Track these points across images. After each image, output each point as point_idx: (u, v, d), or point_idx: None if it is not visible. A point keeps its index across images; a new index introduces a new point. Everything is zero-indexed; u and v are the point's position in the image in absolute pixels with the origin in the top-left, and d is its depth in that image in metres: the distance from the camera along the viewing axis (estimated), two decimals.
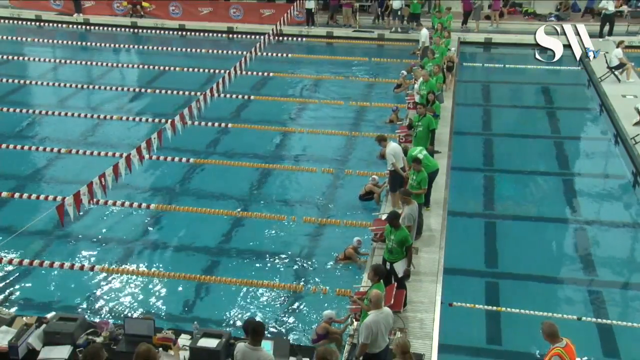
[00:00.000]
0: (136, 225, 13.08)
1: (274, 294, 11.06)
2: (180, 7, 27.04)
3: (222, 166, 15.41)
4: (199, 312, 10.54)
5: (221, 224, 13.11)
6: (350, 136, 17.16)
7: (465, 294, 10.94)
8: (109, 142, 16.61)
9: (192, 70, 21.57)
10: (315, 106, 19.27)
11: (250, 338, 7.14)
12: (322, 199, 14.14)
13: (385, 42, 25.16)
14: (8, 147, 15.89)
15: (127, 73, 22.44)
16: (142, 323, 8.16)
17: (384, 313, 8.06)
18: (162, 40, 25.53)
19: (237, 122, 17.84)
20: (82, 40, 25.35)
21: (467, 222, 13.62)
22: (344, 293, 10.77)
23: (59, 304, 10.62)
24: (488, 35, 25.16)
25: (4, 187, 13.99)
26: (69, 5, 27.13)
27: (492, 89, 21.71)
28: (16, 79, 20.77)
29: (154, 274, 11.42)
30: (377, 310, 7.99)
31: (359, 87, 20.81)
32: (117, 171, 11.69)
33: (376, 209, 13.20)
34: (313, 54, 24.24)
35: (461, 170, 15.28)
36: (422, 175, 11.46)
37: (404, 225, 10.00)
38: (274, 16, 25.35)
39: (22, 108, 18.42)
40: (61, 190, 13.73)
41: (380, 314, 7.99)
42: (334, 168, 15.30)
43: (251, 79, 20.66)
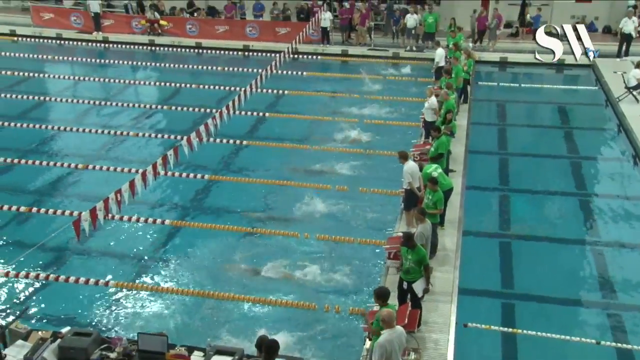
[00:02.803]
0: (151, 241, 13.14)
1: (287, 312, 11.03)
2: (197, 26, 27.36)
3: (236, 183, 15.48)
4: (212, 329, 10.51)
5: (235, 240, 13.13)
6: (365, 154, 17.16)
7: (480, 314, 10.82)
8: (125, 158, 16.76)
9: (207, 88, 21.76)
10: (329, 124, 19.31)
11: (263, 356, 7.11)
12: (335, 217, 14.12)
13: (400, 60, 25.25)
14: (27, 162, 16.10)
15: (144, 90, 22.68)
16: (156, 339, 8.17)
17: (397, 332, 8.01)
18: (179, 57, 25.80)
19: (252, 139, 17.94)
20: (101, 57, 25.69)
21: (482, 242, 13.52)
22: (358, 312, 10.71)
23: (73, 319, 10.67)
24: (504, 55, 25.15)
25: (22, 201, 14.16)
26: (89, 24, 27.55)
27: (507, 108, 21.66)
28: (36, 95, 21.07)
29: (168, 290, 11.45)
30: (390, 329, 7.94)
31: (374, 105, 20.84)
32: (133, 187, 11.79)
33: (390, 226, 13.15)
34: (328, 72, 24.37)
35: (476, 189, 15.21)
36: (438, 195, 11.41)
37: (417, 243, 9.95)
38: (289, 34, 25.56)
39: (42, 124, 18.66)
40: (77, 206, 13.85)
41: (394, 333, 7.94)
42: (347, 186, 15.29)
43: (266, 96, 20.80)
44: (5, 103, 20.26)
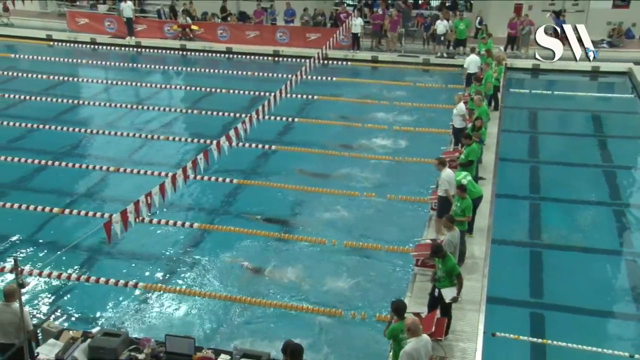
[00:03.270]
0: (180, 244, 13.25)
1: (313, 317, 11.02)
2: (228, 31, 27.62)
3: (265, 187, 15.54)
4: (238, 333, 10.56)
5: (262, 245, 13.17)
6: (393, 161, 17.10)
7: (509, 324, 10.68)
8: (155, 161, 16.96)
9: (238, 93, 21.94)
10: (358, 130, 19.30)
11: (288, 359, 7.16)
12: (363, 224, 14.08)
13: (430, 67, 25.13)
14: (61, 164, 16.41)
15: (175, 94, 22.94)
16: (183, 341, 8.25)
17: (424, 340, 7.98)
18: (210, 62, 26.05)
19: (280, 144, 18.00)
20: (133, 62, 26.11)
21: (512, 251, 13.37)
22: (384, 319, 10.65)
23: (103, 319, 10.81)
24: (536, 61, 24.81)
25: (55, 203, 14.42)
26: (122, 29, 28.02)
27: (539, 116, 21.39)
28: (70, 99, 21.46)
29: (195, 293, 11.53)
30: (416, 338, 7.90)
31: (403, 111, 20.77)
32: (163, 190, 11.92)
33: (418, 234, 13.06)
34: (358, 78, 24.36)
35: (506, 197, 15.04)
36: (466, 202, 11.32)
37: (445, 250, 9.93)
38: (319, 40, 25.63)
39: (75, 127, 19.00)
40: (109, 208, 14.07)
41: (420, 342, 7.91)
42: (375, 193, 15.25)
43: (296, 101, 20.89)
44: (40, 106, 20.69)
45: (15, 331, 8.18)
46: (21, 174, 16.07)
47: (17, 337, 8.20)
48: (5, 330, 8.23)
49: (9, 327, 8.19)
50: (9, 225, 13.60)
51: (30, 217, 13.92)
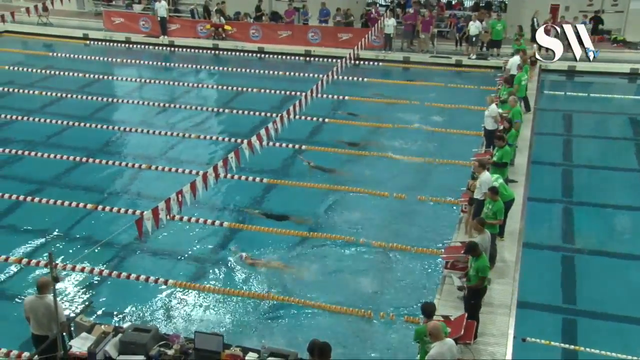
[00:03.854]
0: (209, 242, 13.35)
1: (341, 317, 11.00)
2: (260, 31, 27.77)
3: (295, 187, 15.58)
4: (266, 332, 10.60)
5: (292, 244, 13.21)
6: (424, 162, 16.99)
7: (539, 329, 10.52)
8: (187, 159, 17.12)
9: (269, 92, 22.03)
10: (388, 130, 19.23)
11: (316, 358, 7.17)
12: (393, 224, 14.02)
13: (462, 68, 24.90)
14: (95, 161, 16.68)
15: (207, 93, 23.13)
16: (212, 339, 8.30)
17: (448, 344, 7.95)
18: (242, 62, 26.21)
19: (311, 144, 18.01)
20: (167, 61, 26.41)
21: (544, 255, 13.17)
22: (412, 321, 10.59)
23: (133, 315, 10.95)
24: (572, 63, 24.39)
25: (89, 199, 14.67)
26: (156, 28, 28.37)
27: (574, 119, 21.02)
28: (105, 97, 21.82)
29: (224, 291, 11.61)
30: (440, 342, 7.88)
31: (434, 112, 20.63)
32: (194, 188, 12.04)
33: (448, 236, 12.95)
34: (389, 79, 24.27)
35: (538, 201, 14.83)
36: (498, 205, 11.19)
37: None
38: (351, 40, 25.61)
39: (109, 124, 19.31)
40: (140, 205, 14.25)
41: (445, 345, 7.89)
42: (406, 194, 15.17)
43: (327, 101, 20.90)
44: (76, 104, 21.07)
45: (48, 323, 8.36)
46: (57, 170, 16.37)
47: (50, 329, 8.38)
48: (40, 322, 8.41)
49: (43, 318, 8.36)
50: (44, 220, 13.88)
51: (65, 213, 14.18)
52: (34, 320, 8.43)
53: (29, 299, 8.55)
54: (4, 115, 19.57)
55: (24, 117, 19.50)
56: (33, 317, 8.42)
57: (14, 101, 21.01)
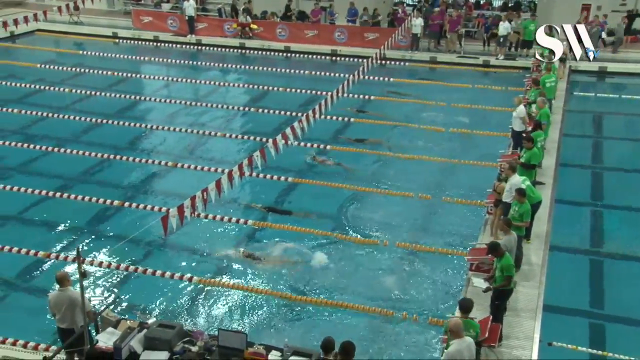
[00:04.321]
0: (233, 240, 13.41)
1: (363, 317, 10.98)
2: (287, 30, 27.83)
3: (319, 186, 15.57)
4: (289, 330, 10.62)
5: (314, 243, 13.21)
6: (449, 163, 16.86)
7: (566, 334, 10.35)
8: (212, 157, 17.23)
9: (295, 91, 22.07)
10: (414, 131, 19.13)
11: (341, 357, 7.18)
12: (417, 225, 13.94)
13: (489, 68, 24.65)
14: (122, 158, 16.88)
15: (233, 92, 23.25)
16: (235, 336, 8.33)
17: (467, 342, 7.93)
18: (268, 61, 26.30)
19: (336, 143, 17.99)
20: (194, 59, 26.60)
21: (571, 258, 12.98)
22: (437, 322, 10.52)
23: (158, 311, 11.06)
24: (603, 64, 24.01)
25: (116, 196, 14.84)
26: (184, 27, 28.62)
27: (604, 120, 20.68)
28: (133, 95, 22.05)
29: (248, 289, 11.66)
30: (459, 339, 7.87)
31: (461, 113, 20.47)
32: (219, 186, 12.11)
33: (473, 237, 12.83)
34: (415, 79, 24.14)
35: (566, 203, 14.61)
36: (525, 207, 11.06)
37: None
38: (377, 40, 25.52)
39: (136, 122, 19.52)
40: (166, 202, 14.39)
41: (463, 343, 7.87)
42: (430, 194, 15.08)
43: (352, 101, 20.86)
44: (104, 101, 21.34)
45: (72, 316, 8.50)
46: (85, 166, 16.59)
47: (74, 321, 8.51)
48: (64, 315, 8.55)
49: (67, 311, 8.51)
50: (72, 216, 14.08)
51: (92, 209, 14.37)
52: (59, 314, 8.56)
53: (52, 294, 8.69)
54: (35, 112, 19.91)
55: (54, 114, 19.81)
56: (57, 311, 8.55)
57: (45, 98, 21.36)
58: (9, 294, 11.82)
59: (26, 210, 14.40)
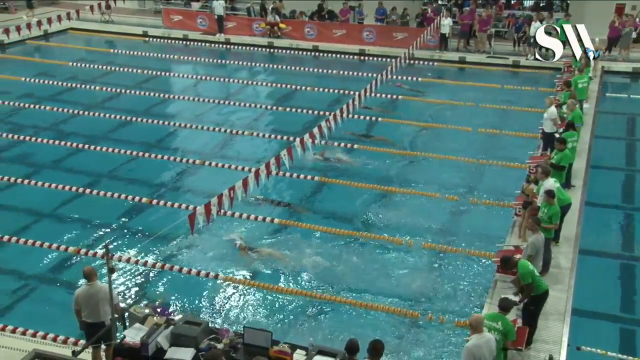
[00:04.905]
0: (259, 239, 13.43)
1: (388, 317, 10.94)
2: (315, 29, 27.86)
3: (345, 186, 15.55)
4: (314, 329, 10.62)
5: (340, 242, 13.19)
6: (477, 164, 16.70)
7: (595, 338, 10.19)
8: (239, 156, 17.30)
9: (323, 91, 22.06)
10: (442, 131, 19.00)
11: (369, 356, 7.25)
12: (443, 226, 13.85)
13: (519, 69, 24.34)
14: (150, 156, 17.06)
15: (261, 90, 23.35)
16: (261, 334, 8.36)
17: (486, 338, 7.94)
18: (296, 60, 26.36)
19: (363, 143, 17.93)
20: (222, 58, 26.78)
21: (601, 262, 12.76)
22: (463, 325, 10.43)
23: (184, 307, 11.14)
24: (637, 65, 23.52)
25: (143, 192, 15.01)
26: (213, 26, 28.83)
27: (638, 122, 20.26)
28: (161, 93, 22.28)
29: (274, 288, 11.69)
30: (478, 335, 7.89)
31: (489, 114, 20.27)
32: (246, 185, 12.17)
33: (501, 239, 12.69)
34: (444, 79, 23.96)
35: (596, 206, 14.38)
36: (554, 209, 10.91)
37: (527, 254, 9.95)
38: (406, 40, 25.41)
39: (165, 120, 19.72)
40: (193, 200, 14.49)
41: (482, 338, 7.89)
42: (457, 195, 14.95)
43: (380, 101, 20.80)
44: (134, 99, 21.61)
45: (101, 309, 8.63)
46: (114, 164, 16.80)
47: (102, 315, 8.65)
48: (93, 309, 8.68)
49: (95, 305, 8.65)
50: (101, 212, 14.26)
51: (121, 205, 14.55)
52: (87, 308, 8.68)
53: (80, 289, 8.80)
54: (67, 110, 20.24)
55: (85, 112, 20.11)
56: (86, 306, 8.67)
57: (76, 96, 21.70)
58: (39, 288, 12.04)
59: (57, 207, 14.64)
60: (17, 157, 17.26)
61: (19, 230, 13.45)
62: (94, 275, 8.75)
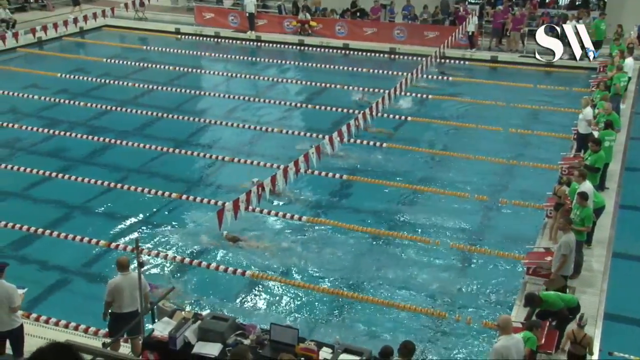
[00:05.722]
0: (286, 236, 13.46)
1: (414, 317, 10.88)
2: (346, 27, 27.79)
3: (372, 184, 15.49)
4: (341, 327, 10.61)
5: (367, 241, 13.17)
6: (508, 165, 16.50)
7: (628, 343, 9.99)
8: (268, 153, 17.35)
9: (353, 89, 22.00)
10: (471, 131, 18.80)
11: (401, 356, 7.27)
12: (472, 226, 13.71)
13: (553, 68, 23.91)
14: (180, 152, 17.23)
15: (291, 88, 23.39)
16: (287, 331, 8.38)
17: (514, 339, 7.88)
18: (326, 58, 26.33)
19: (392, 141, 17.84)
20: (253, 55, 26.90)
21: (635, 266, 12.49)
22: (492, 326, 10.31)
23: (212, 303, 11.22)
24: None
25: (173, 188, 15.15)
26: (245, 23, 28.96)
27: None
28: (193, 89, 22.48)
29: (301, 285, 11.71)
30: (507, 335, 7.84)
31: (521, 114, 20.00)
32: (274, 182, 12.22)
33: (531, 241, 12.51)
34: (475, 78, 23.69)
35: (632, 209, 14.08)
36: (586, 211, 10.72)
37: (560, 254, 9.90)
38: (437, 38, 25.18)
39: (195, 117, 19.87)
40: (222, 196, 14.57)
41: (511, 339, 7.83)
42: (487, 196, 14.79)
43: (409, 99, 20.66)
44: (165, 95, 21.82)
45: (135, 298, 8.77)
46: (144, 159, 16.99)
47: (135, 305, 8.79)
48: (126, 299, 8.83)
49: (130, 295, 8.80)
50: (132, 207, 14.44)
51: (151, 200, 14.71)
52: (119, 299, 8.81)
53: (114, 280, 8.93)
54: (100, 106, 20.54)
55: (118, 108, 20.39)
56: (118, 297, 8.80)
57: (109, 92, 22.00)
58: (72, 280, 12.26)
59: (89, 201, 14.86)
60: (52, 151, 17.58)
61: (52, 222, 13.70)
62: (128, 266, 8.89)
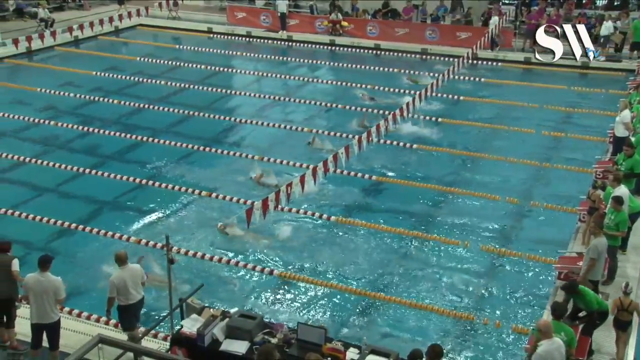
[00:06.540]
0: (314, 236, 13.47)
1: (442, 320, 10.80)
2: (378, 28, 27.69)
3: (402, 185, 15.42)
4: (368, 328, 10.59)
5: (395, 242, 13.10)
6: (540, 167, 16.27)
7: None
8: (297, 153, 17.36)
9: (383, 89, 21.91)
10: (504, 132, 18.58)
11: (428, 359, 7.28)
12: (503, 229, 13.55)
13: (589, 70, 23.49)
14: (210, 150, 17.36)
15: (321, 88, 23.39)
16: (315, 331, 8.39)
17: (557, 344, 7.72)
18: (357, 58, 26.28)
19: (422, 143, 17.72)
20: (284, 55, 26.98)
21: None
22: (521, 331, 10.18)
23: (239, 301, 11.28)
24: None
25: (203, 186, 15.27)
26: (276, 23, 29.08)
27: None
28: (223, 88, 22.65)
29: (329, 285, 11.70)
30: (548, 340, 7.68)
31: (554, 116, 19.69)
32: (303, 182, 12.24)
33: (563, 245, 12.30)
34: (507, 79, 23.39)
35: None
36: (621, 216, 10.52)
37: (588, 257, 9.74)
38: (470, 39, 24.94)
39: (225, 115, 20.01)
40: (251, 195, 14.63)
41: (552, 345, 7.68)
42: (518, 198, 14.60)
43: (441, 101, 20.51)
44: (197, 94, 22.02)
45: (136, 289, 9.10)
46: (175, 157, 17.16)
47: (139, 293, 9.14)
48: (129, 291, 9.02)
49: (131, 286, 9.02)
50: (162, 203, 14.62)
51: (180, 198, 14.86)
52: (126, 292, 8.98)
53: (115, 276, 9.03)
54: (133, 104, 20.83)
55: (150, 106, 20.65)
56: (123, 290, 8.97)
57: (142, 90, 22.29)
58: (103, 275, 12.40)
59: (120, 197, 15.09)
60: (85, 148, 17.89)
61: (84, 218, 13.94)
62: (127, 259, 9.09)
